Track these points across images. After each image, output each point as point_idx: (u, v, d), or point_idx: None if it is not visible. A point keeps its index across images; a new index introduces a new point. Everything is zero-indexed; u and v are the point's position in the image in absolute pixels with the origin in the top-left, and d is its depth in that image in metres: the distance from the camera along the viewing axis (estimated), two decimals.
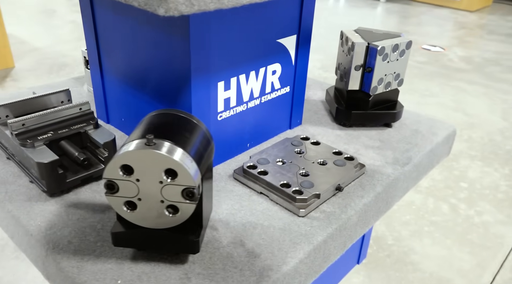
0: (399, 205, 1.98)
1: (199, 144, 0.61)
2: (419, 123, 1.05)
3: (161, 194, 0.57)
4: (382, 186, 0.82)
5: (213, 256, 0.64)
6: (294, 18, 0.87)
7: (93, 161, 0.78)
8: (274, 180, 0.77)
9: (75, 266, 0.62)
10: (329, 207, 0.76)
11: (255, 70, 0.84)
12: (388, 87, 0.99)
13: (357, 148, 0.94)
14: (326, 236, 0.70)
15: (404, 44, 0.96)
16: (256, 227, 0.71)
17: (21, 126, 0.75)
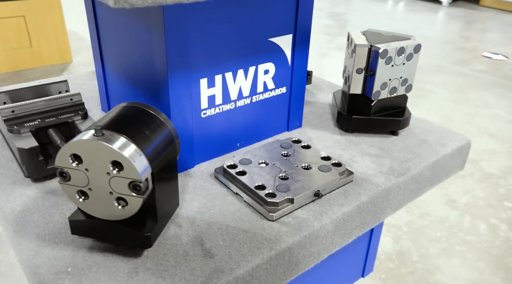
0: (430, 220, 1.88)
1: (158, 140, 0.61)
2: (429, 132, 0.99)
3: (110, 186, 0.57)
4: (368, 196, 0.78)
5: (168, 252, 0.64)
6: (289, 17, 0.84)
7: None
8: (250, 181, 0.75)
9: (33, 250, 0.63)
10: (303, 213, 0.73)
11: (244, 69, 0.82)
12: (393, 92, 0.93)
13: (352, 154, 0.90)
14: (292, 243, 0.67)
15: (412, 47, 0.90)
16: (221, 227, 0.69)
17: (11, 113, 0.78)
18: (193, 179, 0.81)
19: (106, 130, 0.56)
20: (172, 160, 0.64)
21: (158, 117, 0.63)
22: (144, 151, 0.57)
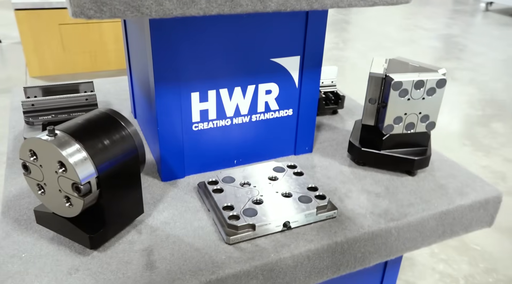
0: (497, 278, 1.66)
1: (115, 150, 0.63)
2: (453, 178, 0.88)
3: (58, 184, 0.61)
4: (346, 236, 0.72)
5: (114, 257, 0.65)
6: (296, 38, 0.81)
7: None
8: (222, 200, 0.74)
9: (5, 232, 0.69)
10: (265, 243, 0.69)
11: (242, 87, 0.82)
12: (410, 128, 0.85)
13: (350, 189, 0.84)
14: (238, 271, 0.65)
15: (433, 81, 0.81)
16: (177, 241, 0.69)
17: (30, 106, 0.87)
18: (177, 189, 0.82)
19: (63, 133, 0.60)
20: (132, 170, 0.66)
21: (125, 129, 0.66)
22: (93, 157, 0.60)
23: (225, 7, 0.63)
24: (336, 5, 0.70)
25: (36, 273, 0.62)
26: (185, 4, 0.60)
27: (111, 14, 0.57)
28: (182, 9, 0.60)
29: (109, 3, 0.56)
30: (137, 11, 0.58)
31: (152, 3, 0.58)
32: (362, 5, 0.72)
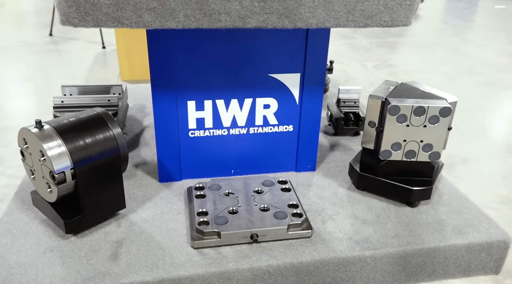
0: None
1: (95, 147, 0.69)
2: (457, 214, 0.81)
3: (42, 170, 0.68)
4: (313, 258, 0.70)
5: (88, 243, 0.71)
6: (296, 55, 0.82)
7: None
8: (199, 206, 0.77)
9: (12, 209, 0.79)
10: (229, 252, 0.71)
11: (238, 99, 0.84)
12: (411, 157, 0.81)
13: (338, 212, 0.81)
14: (192, 274, 0.67)
15: (436, 109, 0.77)
16: (148, 238, 0.73)
17: (60, 103, 0.97)
18: (169, 191, 0.86)
19: (50, 127, 0.67)
20: (112, 168, 0.72)
21: (110, 130, 0.71)
22: (71, 152, 0.66)
23: (203, 21, 0.66)
24: (322, 24, 0.69)
25: (18, 248, 0.70)
26: (163, 17, 0.65)
27: (94, 24, 0.63)
28: (161, 22, 0.65)
29: (92, 13, 0.62)
30: (118, 22, 0.64)
31: (132, 15, 0.63)
32: (352, 26, 0.71)
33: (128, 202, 0.82)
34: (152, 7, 0.64)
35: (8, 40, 4.00)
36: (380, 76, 3.81)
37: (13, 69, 3.31)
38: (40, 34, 4.16)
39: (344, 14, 0.69)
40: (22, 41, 3.93)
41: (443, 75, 3.81)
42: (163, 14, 0.64)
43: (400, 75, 3.83)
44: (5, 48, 3.82)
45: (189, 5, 0.64)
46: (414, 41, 4.98)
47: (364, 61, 4.25)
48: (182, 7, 0.64)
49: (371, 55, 4.50)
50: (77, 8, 0.62)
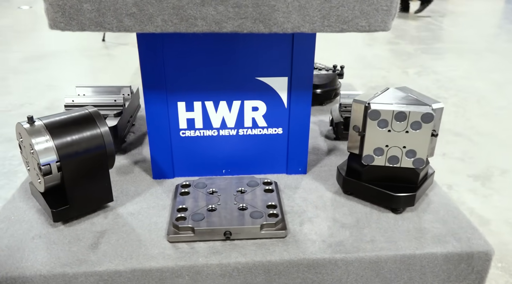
0: None
1: (81, 144, 0.74)
2: (442, 223, 0.79)
3: (33, 162, 0.74)
4: (283, 258, 0.72)
5: (73, 232, 0.76)
6: (282, 60, 0.84)
7: None
8: (181, 202, 0.80)
9: (13, 197, 0.86)
10: (202, 247, 0.73)
11: (227, 101, 0.87)
12: (394, 162, 0.80)
13: (319, 215, 0.82)
14: (162, 266, 0.70)
15: (418, 115, 0.76)
16: (128, 231, 0.77)
17: (71, 102, 1.04)
18: (160, 187, 0.90)
19: (41, 123, 0.73)
20: (98, 163, 0.77)
21: (98, 128, 0.76)
22: (57, 147, 0.72)
23: (180, 26, 0.69)
24: (297, 29, 0.71)
25: (11, 233, 0.76)
26: (142, 22, 0.69)
27: (79, 28, 0.69)
28: (140, 26, 0.69)
29: (76, 18, 0.67)
30: (101, 26, 0.69)
31: (113, 20, 0.68)
32: (328, 31, 0.72)
33: (120, 196, 0.87)
34: (131, 12, 0.68)
35: (65, 46, 4.24)
36: (421, 83, 3.71)
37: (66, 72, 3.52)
38: (94, 40, 4.40)
39: (319, 19, 0.70)
40: (77, 46, 4.15)
41: (490, 83, 3.65)
42: (142, 19, 0.68)
43: (443, 82, 3.70)
44: (62, 53, 4.05)
45: (166, 11, 0.68)
46: (464, 48, 4.80)
47: (406, 68, 4.15)
48: (159, 12, 0.68)
49: (415, 61, 4.38)
50: (62, 14, 0.67)
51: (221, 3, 0.68)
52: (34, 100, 2.43)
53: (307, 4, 0.69)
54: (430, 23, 6.15)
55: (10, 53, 4.24)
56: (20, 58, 4.02)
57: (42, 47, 4.26)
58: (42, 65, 3.69)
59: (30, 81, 3.44)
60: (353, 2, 0.69)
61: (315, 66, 1.33)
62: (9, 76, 3.58)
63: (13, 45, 4.43)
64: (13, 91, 3.03)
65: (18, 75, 3.64)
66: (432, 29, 5.78)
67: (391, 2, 0.70)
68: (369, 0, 0.69)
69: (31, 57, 4.01)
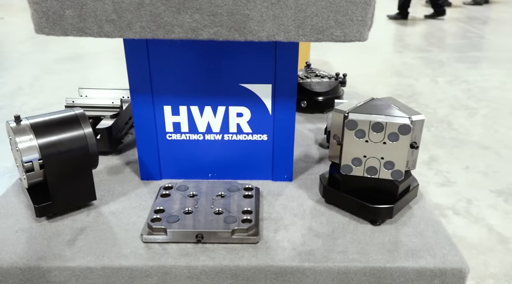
0: None
1: (64, 144, 0.78)
2: (419, 237, 0.78)
3: (18, 159, 0.78)
4: (251, 264, 0.72)
5: (55, 227, 0.80)
6: (266, 67, 0.84)
7: None
8: (159, 204, 0.82)
9: (7, 192, 0.91)
10: (173, 249, 0.75)
11: (212, 106, 0.88)
12: (372, 173, 0.79)
13: (295, 222, 0.82)
14: (132, 265, 0.72)
15: (395, 126, 0.75)
16: (106, 229, 0.80)
17: (71, 103, 1.09)
18: (146, 188, 0.93)
19: (27, 122, 0.77)
20: (81, 163, 0.80)
21: (82, 129, 0.80)
22: (40, 146, 0.75)
23: (158, 32, 0.72)
24: (272, 37, 0.72)
25: None
26: (121, 28, 0.71)
27: (62, 33, 0.72)
28: (120, 32, 0.72)
29: (59, 23, 0.71)
30: (82, 31, 0.72)
31: (93, 25, 0.71)
32: (304, 40, 0.72)
33: (106, 195, 0.90)
34: (111, 19, 0.71)
35: (99, 48, 4.37)
36: (451, 92, 3.61)
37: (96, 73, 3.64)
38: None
39: (294, 28, 0.71)
40: (110, 49, 4.28)
41: None
42: (121, 25, 0.71)
43: (474, 93, 3.59)
44: (94, 55, 4.19)
45: (144, 18, 0.71)
46: (502, 57, 4.64)
47: (436, 76, 4.05)
48: (138, 19, 0.71)
49: (446, 70, 4.27)
50: (46, 19, 0.71)
51: (196, 11, 0.70)
52: (63, 100, 2.54)
53: (281, 13, 0.70)
54: (468, 30, 5.98)
55: (47, 54, 4.43)
56: (54, 59, 4.19)
57: (77, 48, 4.42)
58: (74, 66, 3.83)
59: (61, 82, 3.58)
60: (327, 12, 0.70)
61: (318, 74, 1.33)
62: (42, 76, 3.74)
63: (50, 45, 4.62)
64: (46, 90, 3.16)
65: (51, 75, 3.79)
66: (469, 36, 5.61)
67: (365, 13, 0.70)
68: (344, 11, 0.69)
69: (65, 58, 4.17)
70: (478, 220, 2.05)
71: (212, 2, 0.69)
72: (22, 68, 4.06)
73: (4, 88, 3.64)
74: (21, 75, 3.90)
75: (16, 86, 3.66)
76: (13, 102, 3.19)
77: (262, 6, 0.69)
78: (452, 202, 2.16)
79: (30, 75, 3.78)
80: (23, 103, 3.17)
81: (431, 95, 3.56)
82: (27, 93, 3.33)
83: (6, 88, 3.64)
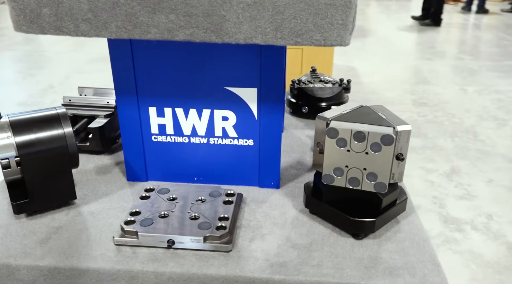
0: None
1: (42, 143, 0.78)
2: (402, 254, 0.74)
3: None
4: (219, 273, 0.70)
5: (32, 225, 0.80)
6: (251, 70, 0.82)
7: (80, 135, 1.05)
8: (137, 206, 0.81)
9: None
10: (143, 253, 0.74)
11: (197, 109, 0.87)
12: (355, 185, 0.75)
13: (274, 232, 0.79)
14: (100, 268, 0.71)
15: (377, 136, 0.71)
16: (81, 229, 0.79)
17: (68, 101, 1.10)
18: (130, 189, 0.92)
19: (6, 120, 0.78)
20: (59, 162, 0.80)
21: (62, 129, 0.80)
22: (17, 144, 0.76)
23: (134, 33, 0.71)
24: (250, 40, 0.70)
25: None
26: (97, 27, 0.71)
27: (40, 31, 0.72)
28: (96, 32, 0.71)
29: (36, 21, 0.71)
30: (59, 30, 0.72)
31: (70, 24, 0.71)
32: (282, 43, 0.70)
33: (90, 194, 0.90)
34: (87, 18, 0.70)
35: None
36: (479, 102, 3.48)
37: None
38: None
39: (272, 31, 0.68)
40: None
41: None
42: (97, 24, 0.70)
43: (505, 103, 3.45)
44: None
45: (119, 17, 0.70)
46: None
47: (466, 85, 3.92)
48: (113, 18, 0.70)
49: (476, 79, 4.13)
50: (24, 17, 0.71)
51: (172, 11, 0.69)
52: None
53: (258, 15, 0.67)
54: (503, 38, 5.77)
55: (80, 54, 4.55)
56: (87, 59, 4.30)
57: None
58: (105, 66, 3.90)
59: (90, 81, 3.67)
60: (306, 15, 0.67)
61: (322, 79, 1.29)
62: (73, 75, 3.84)
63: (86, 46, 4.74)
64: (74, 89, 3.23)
65: (82, 74, 3.89)
66: (505, 45, 5.41)
67: (346, 16, 0.66)
68: (323, 14, 0.66)
69: (97, 59, 4.27)
70: (498, 237, 1.95)
71: (187, 3, 0.68)
72: (55, 67, 4.18)
73: (37, 86, 3.76)
74: (53, 74, 4.02)
75: (47, 85, 3.77)
76: (43, 100, 3.29)
77: (238, 7, 0.67)
78: (471, 217, 2.07)
79: (62, 74, 3.90)
80: (53, 100, 3.26)
81: (458, 104, 3.45)
82: (56, 92, 3.43)
83: (38, 86, 3.75)
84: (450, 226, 2.00)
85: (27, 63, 4.38)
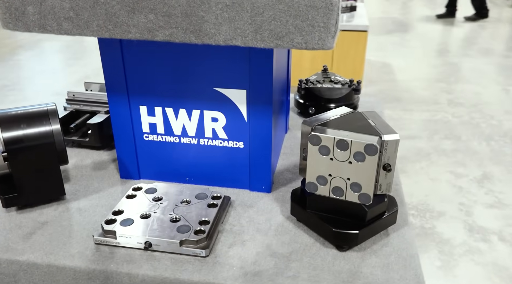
0: None
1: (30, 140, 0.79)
2: (385, 269, 0.70)
3: None
4: (191, 279, 0.69)
5: (20, 219, 0.81)
6: (240, 72, 0.80)
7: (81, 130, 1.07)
8: (121, 205, 0.81)
9: None
10: (120, 253, 0.74)
11: (186, 109, 0.85)
12: (339, 194, 0.72)
13: (255, 238, 0.77)
14: (75, 266, 0.72)
15: (360, 145, 0.67)
16: (65, 225, 0.80)
17: (72, 96, 1.11)
18: (121, 187, 0.92)
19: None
20: (47, 158, 0.81)
21: (50, 126, 0.80)
22: (5, 138, 0.77)
23: (115, 32, 0.70)
24: (230, 41, 0.67)
25: None
26: (79, 26, 0.71)
27: (25, 29, 0.73)
28: (78, 30, 0.71)
29: (22, 19, 0.72)
30: (43, 28, 0.72)
31: (53, 23, 0.71)
32: (262, 45, 0.67)
33: (80, 190, 0.91)
34: (69, 16, 0.70)
35: None
36: None
37: None
38: None
39: (251, 33, 0.66)
40: None
41: None
42: (79, 23, 0.70)
43: None
44: None
45: (100, 16, 0.69)
46: None
47: (509, 85, 3.71)
48: (94, 17, 0.69)
49: None
50: (10, 15, 0.71)
51: (151, 11, 0.67)
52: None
53: (237, 16, 0.65)
54: None
55: None
56: None
57: None
58: None
59: None
60: (286, 16, 0.64)
61: (332, 79, 1.25)
62: (91, 76, 3.90)
63: None
64: None
65: (99, 77, 3.94)
66: None
67: (328, 19, 0.63)
68: (303, 16, 0.63)
69: None
70: None
71: (165, 3, 0.66)
72: (93, 58, 4.30)
73: (73, 76, 3.88)
74: (90, 64, 4.14)
75: (83, 75, 3.88)
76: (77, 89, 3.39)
77: (216, 8, 0.65)
78: (500, 226, 1.96)
79: (98, 65, 3.98)
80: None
81: (498, 105, 3.27)
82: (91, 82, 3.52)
83: (75, 76, 3.87)
84: (475, 236, 1.91)
85: (66, 53, 4.53)
